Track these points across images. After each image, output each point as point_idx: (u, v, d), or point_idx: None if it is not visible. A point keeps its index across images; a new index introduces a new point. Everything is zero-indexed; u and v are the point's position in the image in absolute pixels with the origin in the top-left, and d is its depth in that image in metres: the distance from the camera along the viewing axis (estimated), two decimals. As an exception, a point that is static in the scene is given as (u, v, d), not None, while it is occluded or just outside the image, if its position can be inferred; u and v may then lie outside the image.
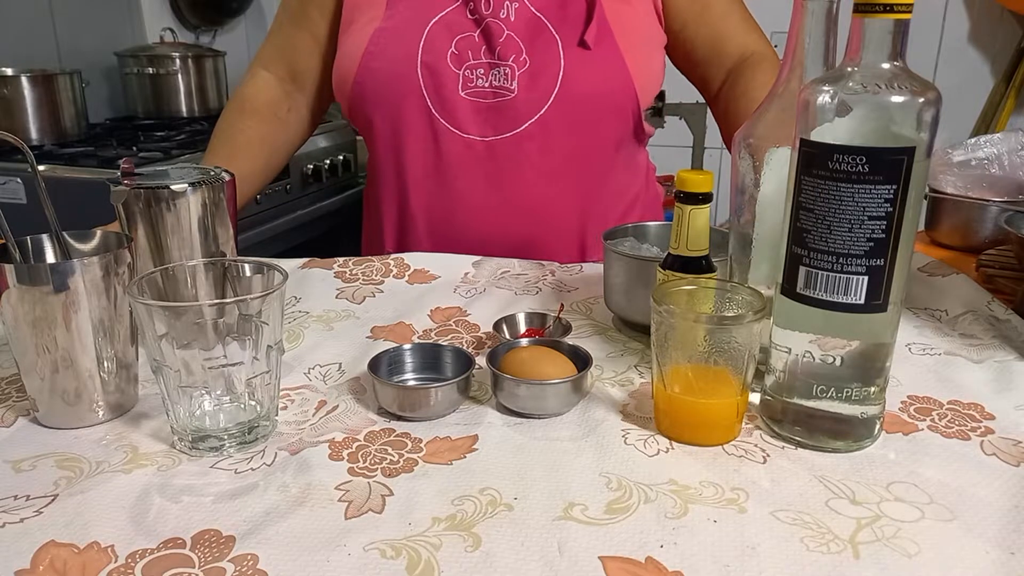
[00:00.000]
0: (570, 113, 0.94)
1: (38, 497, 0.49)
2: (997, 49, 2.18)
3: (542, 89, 0.93)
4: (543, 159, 0.96)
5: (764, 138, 0.58)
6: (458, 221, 0.99)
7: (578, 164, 0.97)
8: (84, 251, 0.62)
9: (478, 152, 0.96)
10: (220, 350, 0.52)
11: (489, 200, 0.97)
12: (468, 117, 0.95)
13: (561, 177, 0.97)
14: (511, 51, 0.93)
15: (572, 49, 0.93)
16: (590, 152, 0.98)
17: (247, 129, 1.03)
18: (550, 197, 0.98)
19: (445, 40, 0.94)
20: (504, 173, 0.96)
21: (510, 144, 0.95)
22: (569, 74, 0.93)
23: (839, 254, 0.49)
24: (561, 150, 0.96)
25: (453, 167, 0.97)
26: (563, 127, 0.95)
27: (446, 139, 0.95)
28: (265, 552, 0.44)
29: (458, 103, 0.94)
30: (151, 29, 2.18)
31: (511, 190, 0.97)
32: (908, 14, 0.47)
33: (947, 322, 0.75)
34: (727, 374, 0.54)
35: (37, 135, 1.72)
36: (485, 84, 0.94)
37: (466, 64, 0.94)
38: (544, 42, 0.93)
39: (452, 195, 0.98)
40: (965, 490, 0.50)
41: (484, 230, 0.98)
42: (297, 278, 0.87)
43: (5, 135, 0.58)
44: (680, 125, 2.18)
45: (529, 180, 0.96)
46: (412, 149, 0.97)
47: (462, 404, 0.60)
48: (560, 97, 0.93)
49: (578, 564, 0.43)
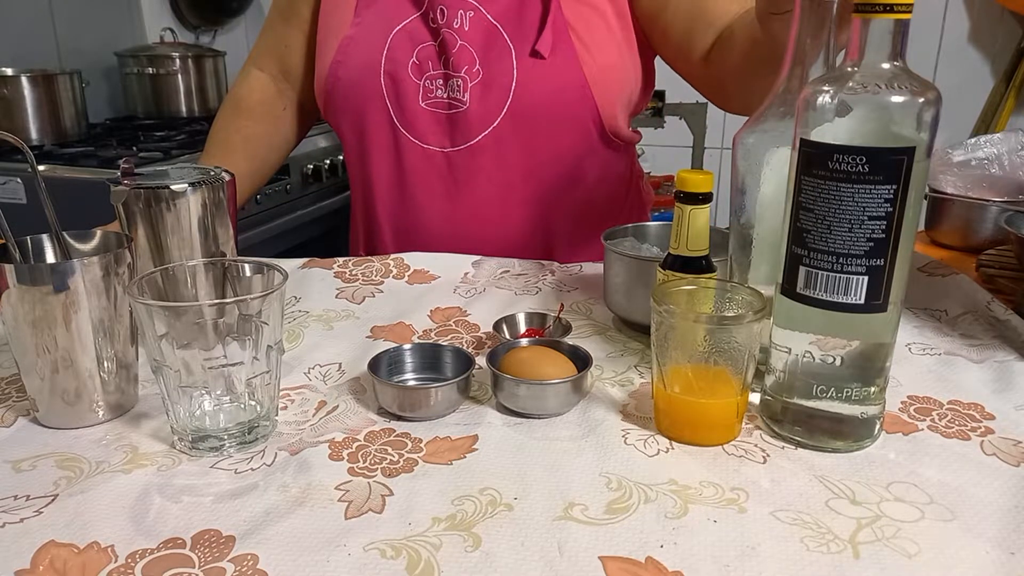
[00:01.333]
0: (524, 125, 0.92)
1: (38, 497, 0.49)
2: (997, 49, 2.18)
3: (494, 101, 0.92)
4: (498, 172, 0.95)
5: (764, 138, 0.58)
6: (420, 230, 0.99)
7: (536, 176, 0.96)
8: (84, 251, 0.62)
9: (437, 163, 0.95)
10: (220, 350, 0.52)
11: (448, 211, 0.97)
12: (428, 127, 0.94)
13: (518, 189, 0.96)
14: (464, 62, 0.92)
15: (525, 59, 0.91)
16: (547, 164, 0.96)
17: (243, 128, 1.03)
18: (508, 210, 0.97)
19: (407, 50, 0.93)
20: (461, 185, 0.96)
21: (465, 156, 0.94)
22: (522, 85, 0.91)
23: (839, 254, 0.49)
24: (516, 162, 0.94)
25: (414, 177, 0.96)
26: (517, 139, 0.93)
27: (407, 149, 0.95)
28: (265, 552, 0.44)
29: (418, 113, 0.94)
30: (151, 29, 2.18)
31: (468, 202, 0.96)
32: (908, 14, 0.47)
33: (947, 322, 0.75)
34: (727, 374, 0.54)
35: (37, 135, 1.72)
36: (443, 95, 0.93)
37: (426, 75, 0.93)
38: (498, 52, 0.91)
39: (414, 205, 0.98)
40: (965, 490, 0.50)
41: (446, 240, 0.97)
42: (297, 278, 0.87)
43: (5, 135, 0.58)
44: (680, 125, 2.18)
45: (485, 192, 0.96)
46: (377, 157, 0.98)
47: (462, 404, 0.60)
48: (512, 110, 0.91)
49: (578, 564, 0.43)
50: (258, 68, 1.06)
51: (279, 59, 1.05)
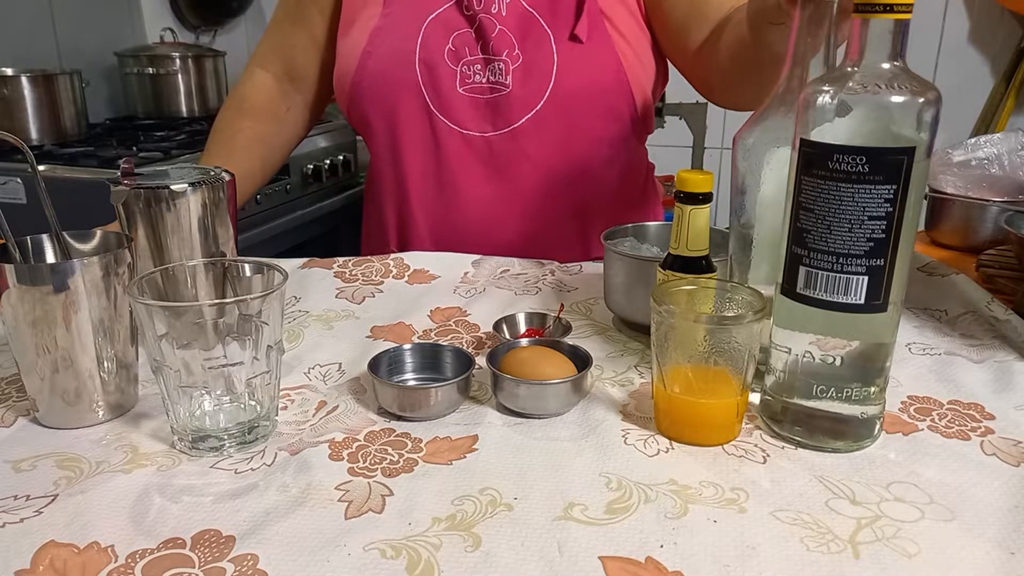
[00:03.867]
0: (565, 108, 0.94)
1: (38, 497, 0.49)
2: (997, 49, 2.18)
3: (536, 84, 0.93)
4: (539, 153, 0.96)
5: (764, 138, 0.58)
6: (458, 218, 0.98)
7: (575, 159, 0.97)
8: (84, 251, 0.62)
9: (477, 148, 0.96)
10: (220, 350, 0.52)
11: (488, 196, 0.97)
12: (466, 113, 0.95)
13: (556, 172, 0.97)
14: (504, 46, 0.93)
15: (564, 43, 0.92)
16: (587, 147, 0.97)
17: (245, 128, 1.03)
18: (547, 193, 0.98)
19: (442, 37, 0.93)
20: (502, 169, 0.96)
21: (507, 139, 0.95)
22: (563, 69, 0.92)
23: (839, 254, 0.49)
24: (556, 146, 0.96)
25: (452, 163, 0.96)
26: (558, 122, 0.94)
27: (445, 136, 0.95)
28: (265, 552, 0.44)
29: (456, 99, 0.94)
30: (151, 29, 2.18)
31: (509, 186, 0.97)
32: (908, 14, 0.47)
33: (947, 322, 0.75)
34: (727, 374, 0.54)
35: (37, 135, 1.72)
36: (482, 80, 0.94)
37: (463, 60, 0.94)
38: (536, 37, 0.93)
39: (452, 192, 0.98)
40: (965, 490, 0.50)
41: (485, 227, 0.98)
42: (297, 278, 0.87)
43: (5, 135, 0.58)
44: (680, 125, 2.18)
45: (527, 175, 0.96)
46: (410, 147, 0.97)
47: (462, 404, 0.60)
48: (555, 92, 0.93)
49: (578, 564, 0.43)
50: (262, 68, 1.06)
51: (284, 60, 1.05)
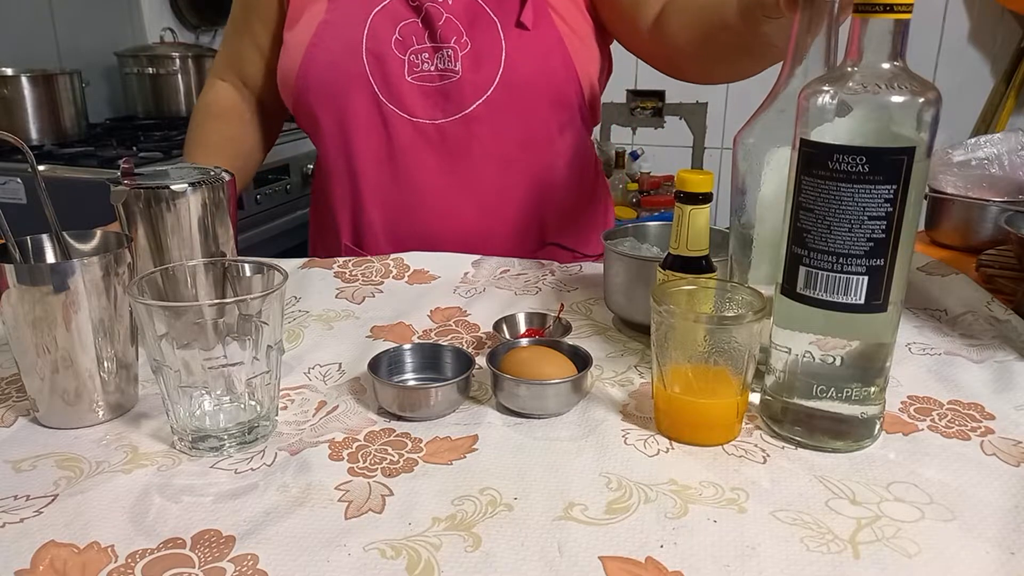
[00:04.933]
0: (516, 95, 0.94)
1: (38, 497, 0.49)
2: (997, 49, 2.18)
3: (486, 71, 0.93)
4: (493, 142, 0.95)
5: (764, 138, 0.58)
6: (413, 208, 0.98)
7: (528, 147, 0.97)
8: (84, 251, 0.62)
9: (429, 136, 0.95)
10: (220, 350, 0.52)
11: (443, 183, 0.96)
12: (416, 101, 0.94)
13: (513, 160, 0.97)
14: (452, 33, 0.93)
15: (511, 31, 0.93)
16: (538, 135, 0.97)
17: (219, 130, 1.05)
18: (503, 181, 0.97)
19: (388, 28, 0.93)
20: (456, 156, 0.96)
21: (459, 125, 0.94)
22: (511, 55, 0.92)
23: (839, 254, 0.49)
24: (510, 132, 0.95)
25: (404, 153, 0.96)
26: (510, 109, 0.94)
27: (396, 125, 0.95)
28: (265, 552, 0.44)
29: (405, 88, 0.94)
30: (151, 29, 2.18)
31: (464, 173, 0.96)
32: (908, 14, 0.47)
33: (947, 322, 0.75)
34: (727, 374, 0.54)
35: (37, 135, 1.72)
36: (431, 68, 0.94)
37: (411, 49, 0.93)
38: (483, 24, 0.93)
39: (405, 181, 0.97)
40: (965, 490, 0.50)
41: (439, 217, 0.97)
42: (297, 278, 0.87)
43: (5, 135, 0.58)
44: (680, 125, 2.18)
45: (480, 163, 0.96)
46: (361, 139, 0.97)
47: (462, 404, 0.60)
48: (504, 79, 0.93)
49: (578, 564, 0.43)
50: (220, 79, 1.08)
51: (236, 70, 1.06)
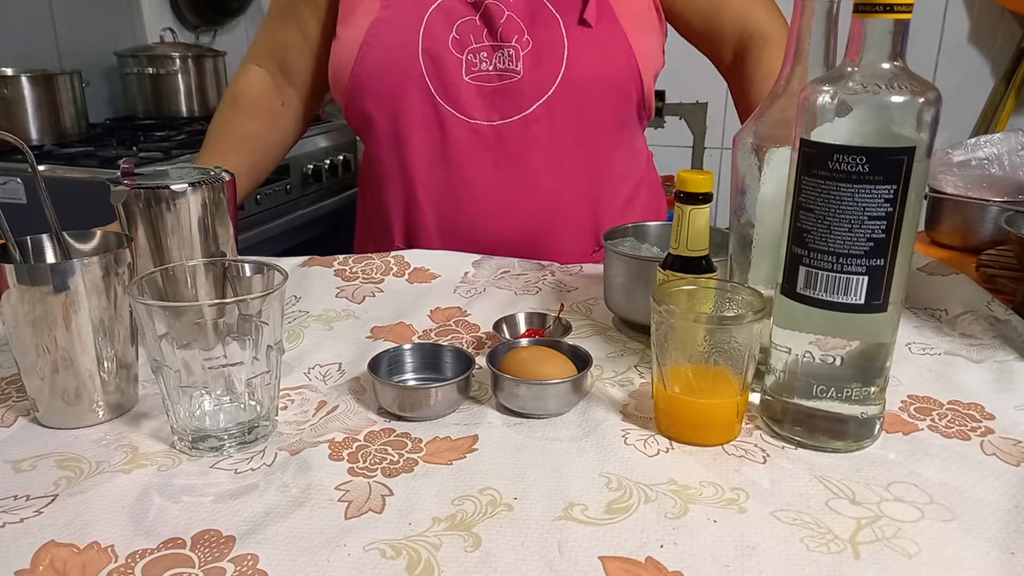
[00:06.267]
0: (576, 94, 0.93)
1: (38, 497, 0.49)
2: (997, 49, 2.18)
3: (547, 70, 0.92)
4: (550, 141, 0.94)
5: (764, 138, 0.58)
6: (467, 210, 0.97)
7: (584, 145, 0.96)
8: (84, 251, 0.62)
9: (485, 137, 0.94)
10: (220, 350, 0.52)
11: (498, 185, 0.96)
12: (473, 102, 0.93)
13: (568, 159, 0.96)
14: (513, 32, 0.91)
15: (574, 28, 0.91)
16: (595, 133, 0.96)
17: (241, 125, 1.03)
18: (559, 180, 0.96)
19: (445, 26, 0.92)
20: (512, 158, 0.95)
21: (518, 127, 0.93)
22: (574, 54, 0.91)
23: (839, 254, 0.49)
24: (568, 132, 0.94)
25: (460, 154, 0.95)
26: (569, 108, 0.93)
27: (452, 125, 0.94)
28: (265, 552, 0.44)
29: (462, 88, 0.92)
30: (151, 29, 2.18)
31: (520, 175, 0.95)
32: (908, 14, 0.47)
33: (947, 322, 0.75)
34: (727, 374, 0.54)
35: (37, 135, 1.72)
36: (489, 67, 0.92)
37: (468, 48, 0.92)
38: (544, 21, 0.92)
39: (460, 183, 0.96)
40: (965, 490, 0.50)
41: (494, 219, 0.96)
42: (297, 277, 0.87)
43: (5, 135, 0.58)
44: (680, 125, 2.18)
45: (537, 163, 0.95)
46: (415, 139, 0.95)
47: (462, 404, 0.60)
48: (566, 78, 0.92)
49: (578, 564, 0.43)
50: (257, 64, 1.05)
51: (278, 58, 1.04)
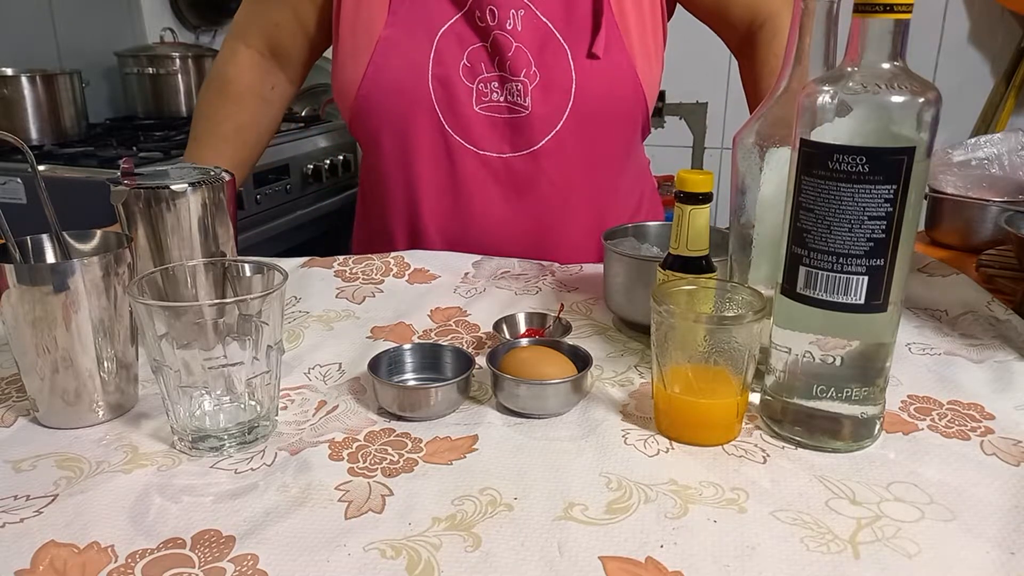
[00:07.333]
0: (584, 125, 0.92)
1: (38, 497, 0.49)
2: (997, 49, 2.18)
3: (555, 104, 0.90)
4: (559, 173, 0.94)
5: (764, 138, 0.58)
6: (474, 238, 0.96)
7: (593, 174, 0.96)
8: (84, 251, 0.62)
9: (495, 169, 0.93)
10: (220, 350, 0.52)
11: (507, 217, 0.95)
12: (483, 133, 0.91)
13: (577, 188, 0.95)
14: (522, 65, 0.89)
15: (582, 60, 0.90)
16: (604, 161, 0.96)
17: (232, 116, 1.00)
18: (567, 209, 0.96)
19: (456, 52, 0.90)
20: (522, 190, 0.94)
21: (527, 160, 0.92)
22: (581, 86, 0.90)
23: (839, 254, 0.49)
24: (577, 163, 0.94)
25: (469, 185, 0.93)
26: (578, 140, 0.92)
27: (461, 155, 0.92)
28: (265, 552, 0.44)
29: (472, 118, 0.91)
30: (151, 29, 2.18)
31: (529, 207, 0.95)
32: (908, 14, 0.47)
33: (947, 322, 0.75)
34: (727, 374, 0.54)
35: (37, 135, 1.72)
36: (500, 99, 0.90)
37: (479, 78, 0.90)
38: (553, 53, 0.90)
39: (468, 212, 0.95)
40: (965, 490, 0.50)
41: (501, 247, 0.95)
42: (297, 277, 0.87)
43: (5, 135, 0.58)
44: (680, 125, 2.18)
45: (546, 194, 0.94)
46: (423, 166, 0.94)
47: (462, 404, 0.60)
48: (575, 109, 0.90)
49: (578, 564, 0.43)
50: (245, 44, 1.01)
51: (267, 37, 1.00)
